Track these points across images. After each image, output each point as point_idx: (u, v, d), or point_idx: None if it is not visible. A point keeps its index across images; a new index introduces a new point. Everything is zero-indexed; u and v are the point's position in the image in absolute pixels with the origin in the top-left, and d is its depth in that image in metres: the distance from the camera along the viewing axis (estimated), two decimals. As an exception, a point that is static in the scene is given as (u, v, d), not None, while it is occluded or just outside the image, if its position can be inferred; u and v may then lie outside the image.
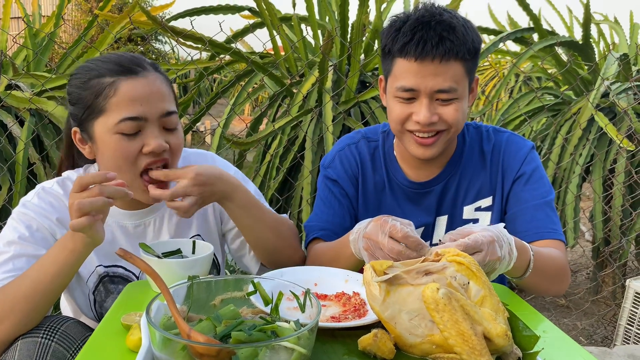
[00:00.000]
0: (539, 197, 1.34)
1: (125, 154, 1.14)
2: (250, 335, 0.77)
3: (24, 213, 1.18)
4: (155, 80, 1.17)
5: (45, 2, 4.34)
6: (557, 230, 1.32)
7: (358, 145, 1.46)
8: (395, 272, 0.85)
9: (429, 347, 0.82)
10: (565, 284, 1.28)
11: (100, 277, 1.26)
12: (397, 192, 1.42)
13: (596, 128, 2.91)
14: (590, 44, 3.01)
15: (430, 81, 1.21)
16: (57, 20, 2.92)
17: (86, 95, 1.15)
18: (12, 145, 2.60)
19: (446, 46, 1.19)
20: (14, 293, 1.02)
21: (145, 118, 1.14)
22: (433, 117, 1.24)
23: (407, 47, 1.21)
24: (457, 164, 1.39)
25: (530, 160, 1.38)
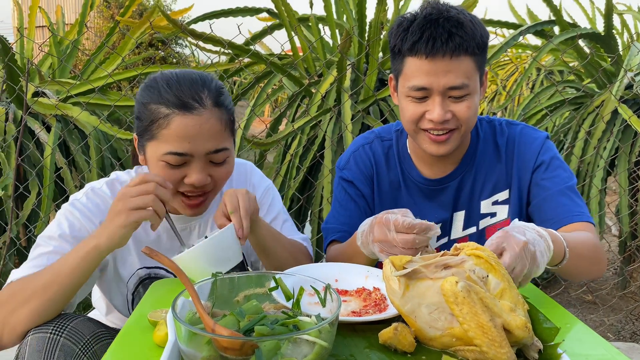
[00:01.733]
0: (561, 183, 1.33)
1: (168, 180, 1.16)
2: (272, 329, 0.79)
3: (71, 212, 1.22)
4: (210, 119, 1.17)
5: (67, 10, 4.44)
6: (584, 212, 1.31)
7: (372, 145, 1.47)
8: (414, 267, 0.86)
9: (449, 339, 0.83)
10: (602, 264, 1.26)
11: (140, 279, 1.29)
12: (412, 189, 1.42)
13: (620, 120, 2.85)
14: (612, 35, 2.95)
15: (442, 78, 1.21)
16: (80, 28, 2.99)
17: (145, 116, 1.19)
18: (40, 150, 2.68)
19: (456, 42, 1.19)
20: (35, 282, 1.06)
21: (191, 154, 1.16)
22: (447, 115, 1.24)
23: (417, 46, 1.21)
24: (472, 159, 1.39)
25: (547, 149, 1.37)
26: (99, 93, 2.55)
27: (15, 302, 1.05)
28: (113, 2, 10.80)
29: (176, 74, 1.21)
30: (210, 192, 1.23)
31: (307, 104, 2.75)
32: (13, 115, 2.68)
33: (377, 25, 2.57)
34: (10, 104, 2.71)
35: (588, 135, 2.88)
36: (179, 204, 1.23)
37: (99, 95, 2.57)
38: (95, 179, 2.65)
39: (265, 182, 1.45)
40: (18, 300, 1.05)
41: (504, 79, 6.00)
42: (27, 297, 1.05)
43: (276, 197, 1.45)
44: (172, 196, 1.21)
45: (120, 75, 2.70)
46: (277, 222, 1.41)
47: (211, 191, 1.24)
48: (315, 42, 2.81)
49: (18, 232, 2.75)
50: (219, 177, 1.22)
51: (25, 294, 1.05)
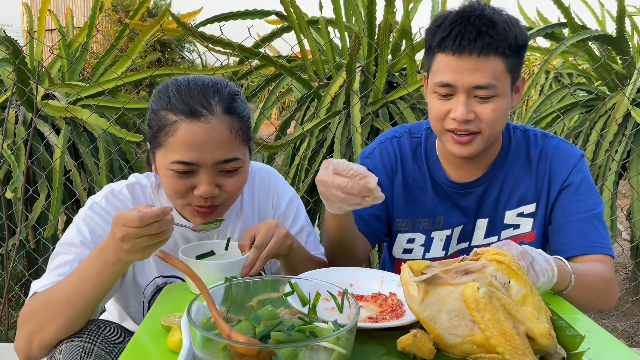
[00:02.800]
0: (588, 209, 1.29)
1: (175, 191, 1.15)
2: (289, 336, 0.77)
3: (90, 216, 1.19)
4: (218, 127, 1.12)
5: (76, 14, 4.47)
6: (605, 244, 1.27)
7: (400, 139, 1.44)
8: (433, 272, 0.84)
9: (470, 347, 0.81)
10: (612, 298, 1.24)
11: (157, 288, 1.27)
12: (437, 190, 1.39)
13: (633, 123, 2.82)
14: (624, 37, 2.92)
15: (467, 76, 1.19)
16: (90, 31, 2.99)
17: (154, 123, 1.16)
18: (49, 153, 2.68)
19: (485, 41, 1.17)
20: (57, 298, 1.04)
21: (197, 164, 1.12)
22: (469, 115, 1.21)
23: (445, 42, 1.19)
24: (501, 167, 1.36)
25: (579, 169, 1.33)
26: (109, 95, 2.54)
27: (41, 319, 1.03)
28: (120, 6, 10.85)
29: (188, 79, 1.17)
30: (221, 205, 1.19)
31: (316, 106, 2.74)
32: (23, 117, 2.69)
33: (387, 27, 2.55)
34: (20, 107, 2.71)
35: (600, 138, 2.85)
36: (189, 213, 1.20)
37: (108, 98, 2.57)
38: (104, 181, 2.65)
39: (290, 192, 1.40)
40: (43, 317, 1.03)
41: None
42: (52, 314, 1.03)
43: (300, 207, 1.41)
44: (183, 208, 1.19)
45: (129, 77, 2.70)
46: (302, 235, 1.37)
47: (222, 204, 1.19)
48: (325, 44, 2.80)
49: (27, 235, 2.75)
50: (230, 189, 1.17)
51: (49, 311, 1.03)
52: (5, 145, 2.46)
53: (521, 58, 1.25)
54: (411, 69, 2.66)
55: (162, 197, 1.27)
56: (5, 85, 2.86)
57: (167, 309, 1.01)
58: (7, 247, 2.52)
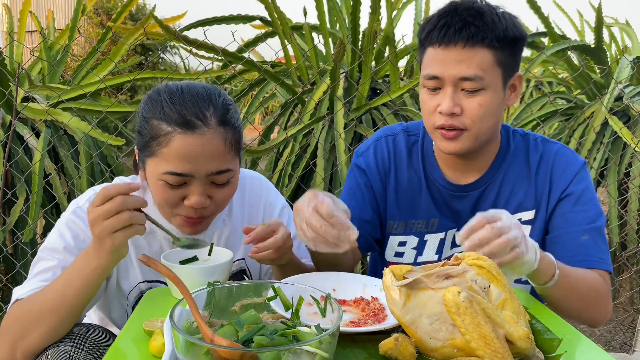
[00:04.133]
0: (588, 221, 1.24)
1: (166, 200, 1.14)
2: (272, 340, 0.77)
3: (74, 221, 1.17)
4: (213, 139, 1.10)
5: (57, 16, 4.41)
6: (604, 259, 1.23)
7: (397, 137, 1.40)
8: (415, 276, 0.85)
9: (451, 350, 0.82)
10: (600, 311, 1.20)
11: (141, 293, 1.25)
12: (432, 191, 1.35)
13: (610, 132, 2.89)
14: (602, 48, 2.99)
15: (453, 68, 1.16)
16: (71, 33, 2.96)
17: (145, 131, 1.13)
18: (29, 156, 2.64)
19: (470, 31, 1.14)
20: (40, 305, 1.02)
21: (191, 175, 1.11)
22: (455, 108, 1.18)
23: (432, 34, 1.18)
24: (499, 170, 1.32)
25: (581, 179, 1.28)
26: (90, 99, 2.52)
27: (24, 326, 1.02)
28: (101, 9, 10.76)
29: (182, 87, 1.14)
30: (210, 215, 1.18)
31: (300, 111, 2.75)
32: (2, 120, 2.64)
33: (371, 34, 2.58)
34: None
35: (579, 146, 2.91)
36: (178, 223, 1.18)
37: (90, 101, 2.55)
38: (85, 185, 2.62)
39: (281, 201, 1.39)
40: (26, 324, 1.02)
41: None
42: (35, 321, 1.01)
43: (291, 216, 1.39)
44: (172, 216, 1.18)
45: (112, 80, 2.68)
46: (294, 243, 1.37)
47: (211, 215, 1.19)
48: (309, 50, 2.82)
49: (5, 239, 2.70)
50: (219, 200, 1.16)
51: (32, 318, 1.01)
52: (-16, 148, 2.41)
53: (515, 53, 1.21)
54: (394, 76, 2.69)
55: (148, 200, 1.26)
56: (-16, 87, 2.81)
57: (149, 314, 1.00)
58: (-17, 252, 2.48)
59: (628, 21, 3.88)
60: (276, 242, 1.10)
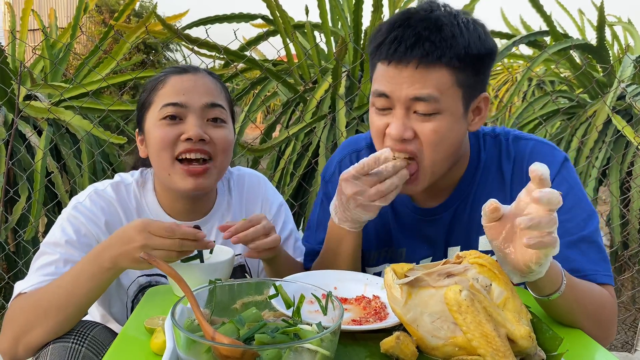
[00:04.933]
0: (574, 230, 1.07)
1: (164, 138, 1.18)
2: (273, 338, 0.77)
3: (75, 216, 1.20)
4: (204, 77, 1.24)
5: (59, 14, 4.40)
6: (598, 271, 1.06)
7: (360, 155, 1.28)
8: (416, 275, 0.85)
9: (452, 349, 0.82)
10: (606, 329, 1.03)
11: (140, 287, 1.27)
12: (402, 218, 1.23)
13: (612, 130, 2.88)
14: (605, 46, 2.98)
15: (405, 88, 1.02)
16: (73, 31, 2.96)
17: (144, 95, 1.25)
18: (31, 154, 2.64)
19: (424, 48, 0.99)
20: (47, 301, 1.03)
21: (186, 105, 1.19)
22: (406, 133, 1.04)
23: (381, 49, 1.04)
24: (470, 187, 1.19)
25: (562, 180, 1.11)
26: (93, 97, 2.52)
27: (28, 320, 1.03)
28: (104, 7, 10.76)
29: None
30: (211, 161, 1.21)
31: (302, 110, 2.75)
32: (4, 118, 2.65)
33: (373, 32, 2.57)
34: (1, 107, 2.68)
35: (581, 145, 2.91)
36: (179, 176, 1.19)
37: (92, 99, 2.55)
38: (87, 183, 2.62)
39: (279, 198, 1.43)
40: (31, 319, 1.03)
41: (495, 88, 6.05)
42: (43, 316, 1.02)
43: (289, 214, 1.44)
44: (171, 166, 1.20)
45: (114, 79, 2.68)
46: (290, 240, 1.39)
47: (212, 160, 1.21)
48: (311, 49, 2.81)
49: (7, 237, 2.71)
50: (218, 140, 1.21)
51: (38, 313, 1.03)
52: (-14, 146, 2.42)
53: (480, 72, 1.06)
54: (396, 75, 2.68)
55: (148, 195, 1.28)
56: (-14, 86, 2.82)
57: (150, 312, 1.01)
58: (-14, 250, 2.48)
59: (630, 20, 3.87)
60: (257, 232, 1.11)
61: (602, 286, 1.06)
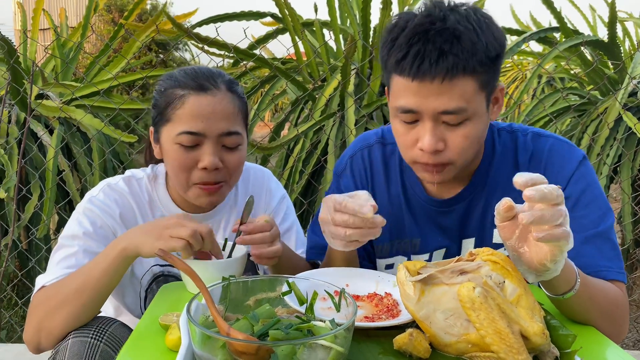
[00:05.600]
0: (589, 226, 1.08)
1: (181, 164, 1.20)
2: (287, 334, 0.78)
3: (90, 209, 1.22)
4: (223, 100, 1.20)
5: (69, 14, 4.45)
6: (611, 267, 1.06)
7: (371, 150, 1.28)
8: (429, 272, 0.85)
9: (465, 346, 0.82)
10: (619, 327, 1.04)
11: (154, 276, 1.30)
12: (415, 209, 1.23)
13: (624, 128, 2.86)
14: (616, 43, 2.96)
15: (432, 102, 1.00)
16: (84, 31, 2.99)
17: (161, 102, 1.22)
18: (43, 153, 2.67)
19: (449, 62, 0.98)
20: (68, 286, 1.07)
21: (203, 134, 1.18)
22: (438, 145, 1.04)
23: (403, 64, 1.01)
24: (484, 179, 1.19)
25: (580, 177, 1.12)
26: (104, 96, 2.54)
27: (50, 307, 1.06)
28: (113, 6, 10.81)
29: (193, 66, 1.27)
30: (224, 182, 1.23)
31: (310, 108, 2.75)
32: (16, 117, 2.68)
33: (382, 30, 2.57)
34: (14, 106, 2.70)
35: (592, 142, 2.89)
36: (195, 194, 1.22)
37: (103, 98, 2.57)
38: (98, 182, 2.63)
39: (281, 191, 1.46)
40: (52, 304, 1.06)
41: (505, 85, 6.01)
42: (61, 302, 1.05)
43: (291, 206, 1.46)
44: (187, 187, 1.22)
45: (124, 78, 2.69)
46: (291, 234, 1.41)
47: (225, 181, 1.23)
48: (320, 47, 2.81)
49: (19, 235, 2.74)
50: (231, 164, 1.22)
51: (58, 299, 1.05)
52: (-1, 145, 2.45)
53: (497, 68, 1.06)
54: (405, 72, 2.67)
55: (159, 189, 1.31)
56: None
57: (164, 308, 1.02)
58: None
59: (642, 16, 3.84)
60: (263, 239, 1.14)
61: (614, 282, 1.06)
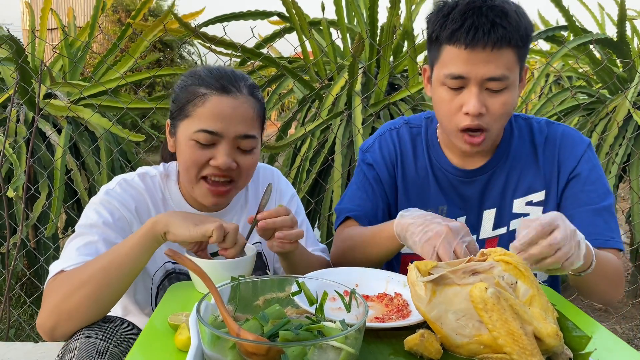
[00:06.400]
0: (597, 200, 1.26)
1: (194, 160, 1.20)
2: (297, 335, 0.77)
3: (108, 201, 1.22)
4: (244, 103, 1.21)
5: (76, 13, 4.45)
6: (615, 238, 1.24)
7: (399, 130, 1.43)
8: (441, 272, 0.84)
9: (477, 347, 0.81)
10: (620, 289, 1.23)
11: (167, 273, 1.30)
12: (440, 179, 1.36)
13: (633, 126, 2.83)
14: (625, 41, 2.93)
15: (481, 69, 1.15)
16: (92, 30, 2.99)
17: (182, 97, 1.23)
18: (51, 152, 2.68)
19: (499, 33, 1.13)
20: (92, 266, 1.06)
21: (221, 134, 1.19)
22: (482, 109, 1.18)
23: (457, 34, 1.15)
24: (506, 154, 1.33)
25: (588, 158, 1.30)
26: (111, 95, 2.55)
27: (70, 288, 1.04)
28: (119, 6, 10.84)
29: (218, 66, 1.29)
30: (234, 182, 1.24)
31: (317, 107, 2.75)
32: (24, 116, 2.69)
33: (390, 29, 2.56)
34: (22, 106, 2.71)
35: (601, 141, 2.86)
36: (202, 192, 1.23)
37: (110, 97, 2.57)
38: (106, 181, 2.65)
39: (291, 190, 1.47)
40: (73, 285, 1.04)
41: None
42: (84, 282, 1.04)
43: (300, 205, 1.47)
44: (196, 182, 1.23)
45: (132, 77, 2.70)
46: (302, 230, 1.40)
47: (235, 182, 1.24)
48: (327, 46, 2.81)
49: (27, 234, 2.75)
50: (244, 166, 1.23)
51: (81, 278, 1.04)
52: (7, 144, 2.45)
53: (528, 48, 1.22)
54: (413, 71, 2.67)
55: (171, 187, 1.32)
56: (7, 84, 2.86)
57: (173, 308, 1.01)
58: (8, 246, 2.52)
59: (651, 14, 3.80)
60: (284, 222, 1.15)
61: (615, 250, 1.24)
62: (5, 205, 2.52)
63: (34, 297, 2.80)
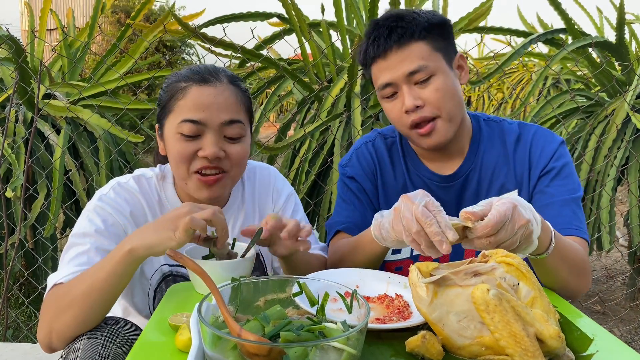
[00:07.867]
0: (567, 192, 1.30)
1: (181, 154, 1.20)
2: (299, 335, 0.77)
3: (101, 207, 1.22)
4: (225, 91, 1.22)
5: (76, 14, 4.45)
6: (581, 228, 1.27)
7: (375, 142, 1.47)
8: (442, 273, 0.84)
9: (478, 348, 0.81)
10: (585, 280, 1.20)
11: (163, 276, 1.29)
12: (418, 185, 1.40)
13: (632, 129, 2.84)
14: (624, 44, 2.94)
15: (399, 68, 1.25)
16: (91, 31, 2.99)
17: (165, 96, 1.25)
18: (50, 152, 2.67)
19: (398, 33, 1.24)
20: (76, 287, 1.05)
21: (204, 123, 1.19)
22: (417, 101, 1.25)
23: (368, 52, 1.29)
24: (476, 156, 1.38)
25: (560, 155, 1.34)
26: (111, 96, 2.54)
27: (59, 308, 1.04)
28: (119, 7, 10.84)
29: (198, 64, 1.30)
30: (226, 173, 1.23)
31: (317, 108, 2.75)
32: (23, 117, 2.68)
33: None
34: (21, 106, 2.71)
35: (600, 144, 2.87)
36: (195, 185, 1.23)
37: (110, 98, 2.57)
38: (105, 181, 2.64)
39: (288, 188, 1.46)
40: (61, 305, 1.04)
41: (510, 87, 5.99)
42: (69, 304, 1.03)
43: (298, 203, 1.47)
44: (188, 177, 1.22)
45: (131, 78, 2.69)
46: None
47: (227, 173, 1.23)
48: (327, 48, 2.81)
49: (26, 234, 2.74)
50: (234, 155, 1.23)
51: (67, 300, 1.04)
52: (6, 144, 2.45)
53: (446, 37, 1.29)
54: (412, 73, 2.67)
55: (167, 189, 1.32)
56: (6, 84, 2.86)
57: (173, 309, 1.01)
58: (6, 246, 2.51)
59: (650, 18, 3.81)
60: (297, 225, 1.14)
61: (583, 242, 1.25)
62: (3, 206, 2.51)
63: (32, 297, 2.79)
